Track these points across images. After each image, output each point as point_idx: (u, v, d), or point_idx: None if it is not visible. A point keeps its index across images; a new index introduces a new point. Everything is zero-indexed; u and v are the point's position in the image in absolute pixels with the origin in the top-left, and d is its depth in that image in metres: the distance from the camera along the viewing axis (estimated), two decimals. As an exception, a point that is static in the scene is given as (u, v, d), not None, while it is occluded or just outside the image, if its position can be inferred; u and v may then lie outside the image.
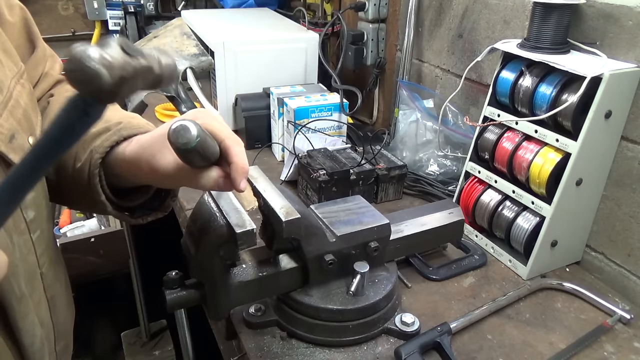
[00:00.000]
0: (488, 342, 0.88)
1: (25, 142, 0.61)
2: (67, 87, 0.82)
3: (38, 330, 0.65)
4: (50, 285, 0.69)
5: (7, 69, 0.62)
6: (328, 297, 0.84)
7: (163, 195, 0.77)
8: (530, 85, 1.02)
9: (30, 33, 0.75)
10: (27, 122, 0.63)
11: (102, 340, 2.36)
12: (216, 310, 0.80)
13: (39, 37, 0.77)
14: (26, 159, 0.43)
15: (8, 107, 0.59)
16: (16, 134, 0.59)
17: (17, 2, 0.73)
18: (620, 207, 1.01)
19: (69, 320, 0.79)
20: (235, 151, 0.60)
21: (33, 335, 0.64)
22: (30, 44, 0.75)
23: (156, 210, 0.77)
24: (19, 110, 0.61)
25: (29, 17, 0.75)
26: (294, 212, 0.74)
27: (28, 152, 0.43)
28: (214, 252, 0.74)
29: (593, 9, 0.99)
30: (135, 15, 2.40)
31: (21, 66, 0.66)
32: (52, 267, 0.71)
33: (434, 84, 1.51)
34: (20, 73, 0.65)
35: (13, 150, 0.58)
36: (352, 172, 1.23)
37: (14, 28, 0.71)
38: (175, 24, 1.13)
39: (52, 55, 0.81)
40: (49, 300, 0.69)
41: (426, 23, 1.49)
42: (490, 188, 1.13)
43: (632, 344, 0.88)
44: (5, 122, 0.58)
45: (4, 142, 0.57)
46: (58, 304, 0.73)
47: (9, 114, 0.59)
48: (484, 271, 1.06)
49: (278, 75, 1.61)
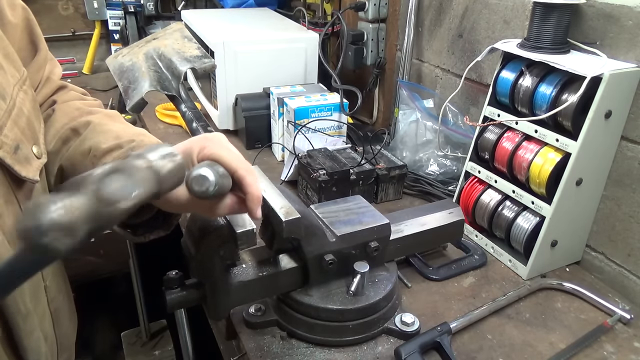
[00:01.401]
0: (488, 342, 0.88)
1: (29, 152, 0.60)
2: (70, 93, 0.81)
3: (43, 346, 0.64)
4: (53, 297, 0.69)
5: (9, 75, 0.60)
6: (328, 297, 0.84)
7: (167, 214, 0.76)
8: (530, 85, 1.02)
9: (33, 35, 0.73)
10: (30, 131, 0.61)
11: (102, 340, 2.35)
12: (216, 310, 0.80)
13: (41, 39, 0.75)
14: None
15: (12, 117, 0.58)
16: (21, 144, 0.58)
17: (19, 2, 0.72)
18: (620, 207, 1.01)
19: (71, 332, 0.78)
20: (250, 181, 0.61)
21: (38, 352, 0.63)
22: (32, 46, 0.73)
23: (159, 228, 0.76)
24: (22, 118, 0.60)
25: (32, 17, 0.73)
26: (294, 212, 0.74)
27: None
28: (214, 252, 0.74)
29: (593, 9, 0.99)
30: (135, 15, 2.40)
31: (23, 71, 0.65)
32: (56, 279, 0.71)
33: (434, 84, 1.51)
34: (22, 79, 0.63)
35: (19, 162, 0.57)
36: (352, 172, 1.23)
37: (16, 29, 0.69)
38: (175, 28, 1.12)
39: (52, 58, 0.79)
40: (53, 313, 0.68)
41: (426, 23, 1.49)
42: (490, 188, 1.13)
43: (632, 344, 0.88)
44: (10, 132, 0.56)
45: (9, 154, 0.56)
46: (61, 316, 0.72)
47: (13, 123, 0.58)
48: (484, 271, 1.06)
49: (278, 75, 1.61)
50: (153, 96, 1.06)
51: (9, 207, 0.57)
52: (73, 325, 0.79)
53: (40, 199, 0.34)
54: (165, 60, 1.04)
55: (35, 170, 0.60)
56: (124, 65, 1.06)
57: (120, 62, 1.07)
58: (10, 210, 0.57)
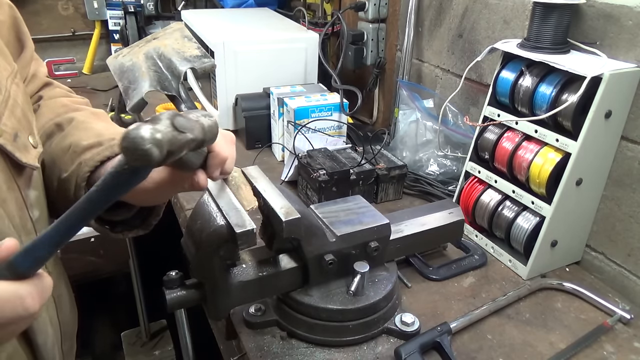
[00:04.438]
0: (488, 342, 0.88)
1: (26, 141, 0.61)
2: (55, 90, 0.82)
3: (49, 328, 0.65)
4: (56, 285, 0.69)
5: (1, 67, 0.62)
6: (328, 297, 0.84)
7: (145, 214, 0.77)
8: (530, 85, 1.02)
9: (20, 32, 0.75)
10: (25, 121, 0.63)
11: (102, 340, 2.36)
12: (216, 310, 0.80)
13: (28, 37, 0.76)
14: (78, 207, 0.48)
15: (9, 106, 0.59)
16: (19, 132, 0.60)
17: (6, 1, 0.73)
18: (620, 207, 1.01)
19: (73, 321, 0.79)
20: (218, 147, 0.62)
21: (46, 334, 0.64)
22: (19, 43, 0.75)
23: (137, 227, 0.77)
24: (17, 109, 0.61)
25: (18, 16, 0.75)
26: (294, 212, 0.74)
27: (80, 201, 0.48)
28: (214, 252, 0.74)
29: (593, 9, 0.99)
30: (135, 15, 2.40)
31: (14, 66, 0.66)
32: (57, 267, 0.72)
33: (434, 84, 1.51)
34: (14, 72, 0.65)
35: (18, 149, 0.58)
36: (352, 172, 1.23)
37: (3, 26, 0.71)
38: (175, 27, 1.12)
39: (37, 58, 0.81)
40: (56, 299, 0.69)
41: (426, 23, 1.49)
42: (490, 188, 1.13)
43: (632, 344, 0.88)
44: (8, 121, 0.58)
45: (9, 141, 0.57)
46: (63, 304, 0.73)
47: (10, 112, 0.59)
48: (484, 271, 1.06)
49: (278, 75, 1.61)
50: (153, 96, 1.06)
51: (11, 193, 0.59)
52: (74, 315, 0.80)
53: (137, 124, 0.44)
54: (165, 60, 1.04)
55: (34, 158, 0.62)
56: (124, 65, 1.06)
57: (120, 62, 1.07)
58: (12, 196, 0.59)
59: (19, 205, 0.60)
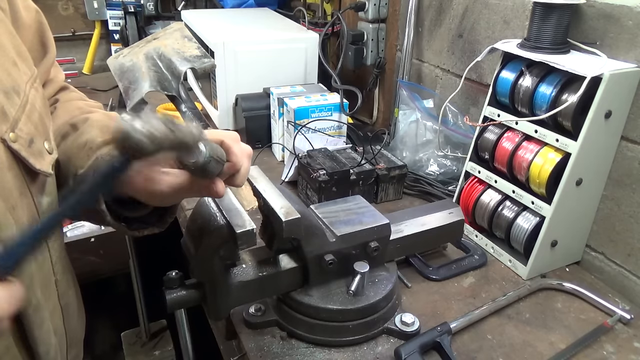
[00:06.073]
0: (488, 342, 0.88)
1: (42, 146, 0.61)
2: (71, 94, 0.83)
3: (53, 338, 0.65)
4: (64, 292, 0.69)
5: (22, 72, 0.62)
6: (328, 297, 0.84)
7: (161, 212, 0.77)
8: (530, 85, 1.02)
9: (44, 37, 0.76)
10: (42, 126, 0.63)
11: (102, 340, 2.35)
12: (216, 310, 0.80)
13: (52, 43, 0.77)
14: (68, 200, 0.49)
15: (26, 111, 0.59)
16: (34, 138, 0.59)
17: (33, 6, 0.75)
18: (620, 207, 1.01)
19: (80, 329, 0.78)
20: (235, 150, 0.64)
21: (48, 344, 0.64)
22: (42, 47, 0.76)
23: (153, 225, 0.76)
24: (35, 114, 0.61)
25: (44, 21, 0.76)
26: (294, 212, 0.74)
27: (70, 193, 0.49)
28: (214, 252, 0.74)
29: (593, 9, 0.99)
30: (135, 15, 2.40)
31: (34, 70, 0.66)
32: (66, 275, 0.71)
33: (434, 84, 1.51)
34: (34, 77, 0.65)
35: (33, 155, 0.58)
36: (352, 172, 1.23)
37: (29, 30, 0.72)
38: (175, 27, 1.12)
39: (57, 65, 0.82)
40: (63, 308, 0.69)
41: (426, 23, 1.49)
42: (490, 188, 1.13)
43: (632, 344, 0.88)
44: (25, 127, 0.58)
45: (24, 147, 0.57)
46: (71, 312, 0.73)
47: (27, 118, 0.59)
48: (484, 271, 1.06)
49: (278, 75, 1.61)
50: (153, 96, 1.06)
51: (23, 200, 0.58)
52: (82, 322, 0.80)
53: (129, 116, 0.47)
54: (165, 60, 1.04)
55: (48, 164, 0.62)
56: (124, 65, 1.06)
57: (120, 63, 1.07)
58: (25, 203, 0.58)
59: (30, 212, 0.59)
